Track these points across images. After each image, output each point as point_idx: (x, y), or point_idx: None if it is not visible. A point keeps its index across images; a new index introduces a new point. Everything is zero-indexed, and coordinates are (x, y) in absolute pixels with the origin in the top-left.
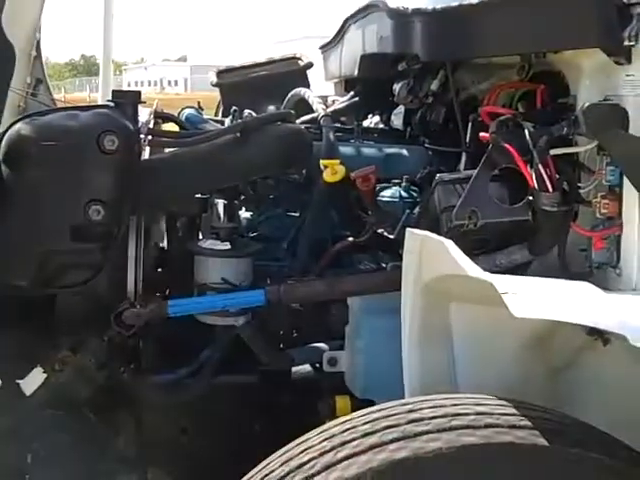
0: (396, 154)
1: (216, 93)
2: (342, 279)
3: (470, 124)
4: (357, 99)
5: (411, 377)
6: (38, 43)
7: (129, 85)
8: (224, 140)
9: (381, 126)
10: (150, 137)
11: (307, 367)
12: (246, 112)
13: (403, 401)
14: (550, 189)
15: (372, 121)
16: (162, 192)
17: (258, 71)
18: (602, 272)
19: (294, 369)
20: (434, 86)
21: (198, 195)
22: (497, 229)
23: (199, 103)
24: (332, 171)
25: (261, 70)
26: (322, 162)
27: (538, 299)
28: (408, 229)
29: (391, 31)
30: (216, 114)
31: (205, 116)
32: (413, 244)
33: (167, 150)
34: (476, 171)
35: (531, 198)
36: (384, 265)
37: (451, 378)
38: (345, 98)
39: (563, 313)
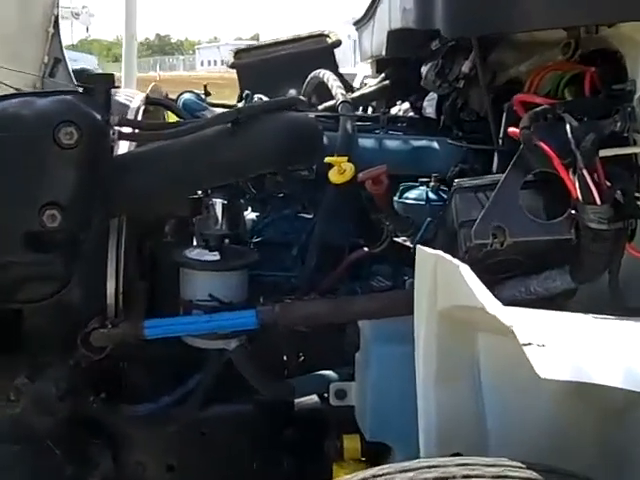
0: (424, 148)
1: None
2: (349, 299)
3: (504, 115)
4: (387, 82)
5: (427, 422)
6: (56, 19)
7: (202, 64)
8: (212, 132)
9: (411, 114)
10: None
11: (313, 398)
12: (256, 97)
13: (401, 466)
14: (598, 201)
15: (402, 108)
16: (138, 193)
17: (280, 50)
18: None
19: (299, 400)
20: (466, 68)
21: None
22: (530, 249)
23: (205, 87)
24: (339, 170)
25: (283, 49)
26: (328, 159)
27: (569, 354)
28: (419, 246)
29: (413, 2)
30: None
31: (213, 101)
32: (425, 265)
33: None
34: (503, 176)
35: (574, 212)
36: (405, 278)
37: (479, 423)
38: (375, 81)
39: (599, 374)
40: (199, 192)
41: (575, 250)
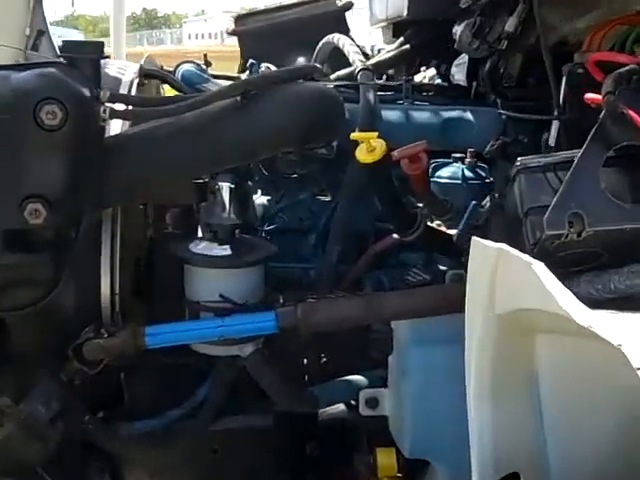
0: (458, 119)
1: None
2: (383, 296)
3: (564, 79)
4: (407, 47)
5: (481, 438)
6: None
7: (189, 37)
8: (219, 107)
9: (438, 82)
10: (124, 106)
11: (339, 407)
12: (263, 66)
13: None
14: None
15: (426, 75)
16: (135, 180)
17: (286, 15)
18: None
19: (322, 409)
20: (510, 26)
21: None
22: (613, 240)
23: (205, 56)
24: (368, 148)
25: (289, 13)
26: (354, 136)
27: None
28: (475, 239)
29: None
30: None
31: (215, 72)
32: (482, 261)
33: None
34: (581, 152)
35: None
36: (440, 269)
37: (538, 440)
38: (393, 46)
39: None
40: (204, 176)
41: None
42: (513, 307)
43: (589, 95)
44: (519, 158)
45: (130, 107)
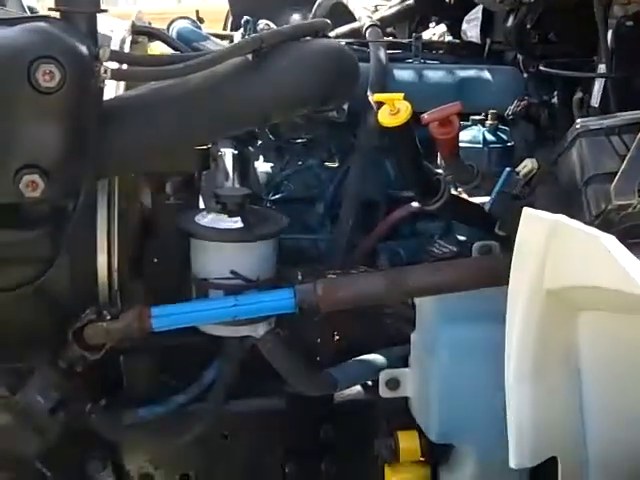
0: (475, 79)
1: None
2: (409, 271)
3: (611, 34)
4: (411, 2)
5: (520, 421)
6: None
7: None
8: (229, 66)
9: (449, 39)
10: (116, 65)
11: (357, 388)
12: (262, 23)
13: None
14: None
15: (436, 32)
16: (138, 147)
17: None
18: None
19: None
20: None
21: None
22: None
23: (197, 12)
24: (392, 110)
25: None
26: (378, 97)
27: None
28: (526, 209)
29: None
30: (225, 27)
31: (206, 31)
32: (533, 233)
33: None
34: None
35: None
36: (462, 240)
37: (577, 422)
38: (394, 2)
39: None
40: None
41: None
42: (566, 283)
43: None
44: (578, 120)
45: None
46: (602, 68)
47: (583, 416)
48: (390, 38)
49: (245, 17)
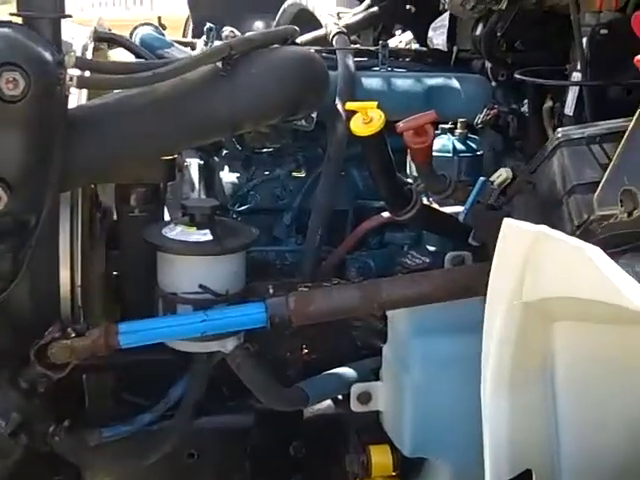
0: (443, 87)
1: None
2: (382, 284)
3: (587, 43)
4: (376, 9)
5: (496, 433)
6: None
7: (92, 6)
8: (198, 74)
9: (415, 46)
10: (81, 73)
11: (327, 403)
12: (226, 30)
13: None
14: None
15: (402, 40)
16: (103, 157)
17: None
18: None
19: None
20: None
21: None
22: None
23: (160, 19)
24: (365, 119)
25: None
26: (350, 105)
27: None
28: (507, 220)
29: None
30: (184, 34)
31: (169, 38)
32: (514, 244)
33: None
34: (634, 121)
35: None
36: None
37: (552, 435)
38: (358, 9)
39: None
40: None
41: None
42: (545, 294)
43: None
44: (559, 129)
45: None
46: (576, 76)
47: (558, 428)
48: (357, 46)
49: (208, 24)
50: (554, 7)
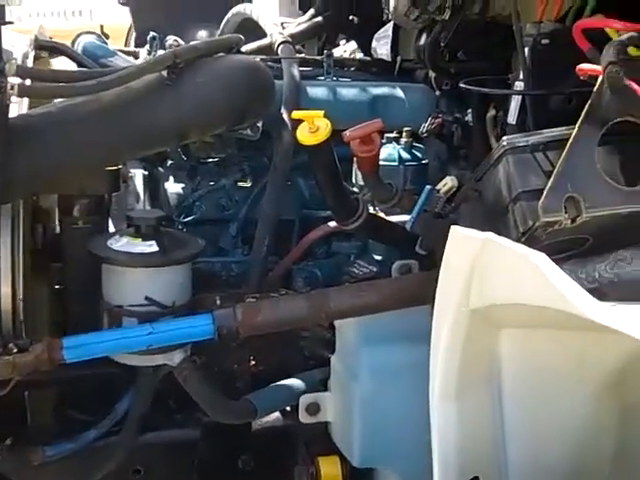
0: (388, 96)
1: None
2: (330, 294)
3: (529, 52)
4: (320, 19)
5: (444, 441)
6: None
7: (30, 16)
8: (143, 83)
9: (359, 56)
10: (22, 81)
11: (276, 415)
12: (170, 39)
13: None
14: None
15: (346, 49)
16: (45, 168)
17: None
18: None
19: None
20: None
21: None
22: (606, 225)
23: (102, 28)
24: (312, 128)
25: None
26: (297, 114)
27: None
28: (454, 227)
29: None
30: (126, 43)
31: (112, 47)
32: (461, 252)
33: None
34: (576, 130)
35: None
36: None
37: (498, 441)
38: (302, 19)
39: None
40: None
41: None
42: (492, 301)
43: (585, 66)
44: (504, 137)
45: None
46: (519, 85)
47: (505, 435)
48: (302, 55)
49: (151, 33)
50: (496, 17)
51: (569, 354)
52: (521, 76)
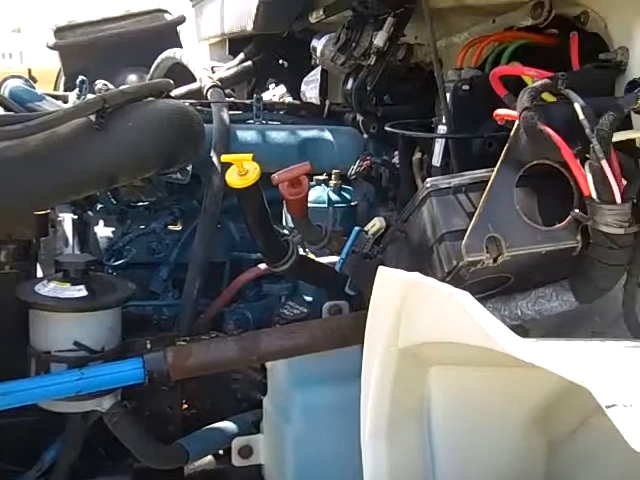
0: (317, 139)
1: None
2: (261, 336)
3: (450, 97)
4: (249, 64)
5: (376, 478)
6: None
7: None
8: (71, 128)
9: (289, 100)
10: None
11: (209, 458)
12: (99, 83)
13: None
14: (618, 199)
15: (275, 93)
16: None
17: (111, 28)
18: None
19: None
20: (379, 41)
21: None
22: (526, 263)
23: (30, 71)
24: (241, 171)
25: (115, 27)
26: (226, 158)
27: None
28: (381, 268)
29: None
30: (55, 87)
31: (39, 90)
32: (388, 292)
33: None
34: (495, 172)
35: (581, 214)
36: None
37: (427, 474)
38: (232, 63)
39: None
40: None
41: (578, 261)
42: (420, 340)
43: (501, 111)
44: (428, 180)
45: None
46: (442, 129)
47: (435, 472)
48: (232, 99)
49: (80, 77)
50: (419, 64)
51: (496, 390)
52: (444, 120)
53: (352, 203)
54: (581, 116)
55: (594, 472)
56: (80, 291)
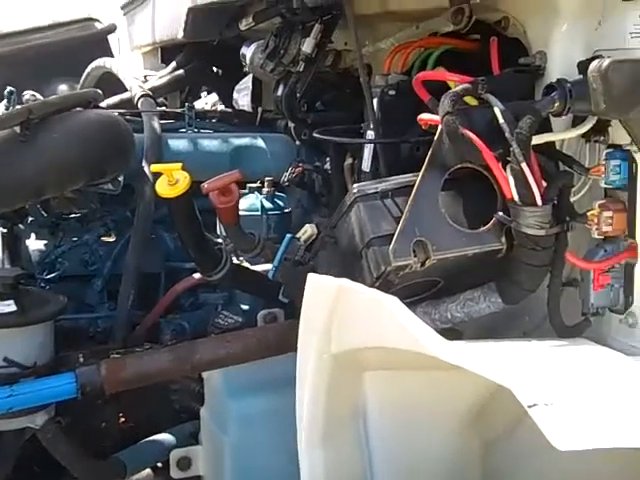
0: (249, 147)
1: None
2: (195, 346)
3: (377, 102)
4: (182, 72)
5: None
6: None
7: None
8: None
9: (221, 108)
10: None
11: (147, 472)
12: (27, 94)
13: None
14: (539, 201)
15: (208, 101)
16: None
17: (39, 38)
18: (603, 321)
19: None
20: (307, 47)
21: None
22: (453, 266)
23: None
24: (170, 180)
25: (43, 36)
26: (155, 168)
27: (581, 413)
28: (311, 275)
29: None
30: None
31: None
32: (319, 299)
33: None
34: (420, 177)
35: (504, 216)
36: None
37: (366, 477)
38: (164, 71)
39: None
40: None
41: (504, 263)
42: (352, 345)
43: (424, 116)
44: (355, 185)
45: None
46: (370, 134)
47: (373, 476)
48: (163, 108)
49: (8, 88)
50: (349, 69)
51: (429, 393)
52: (372, 125)
53: (285, 210)
54: (501, 120)
55: (533, 469)
56: (9, 306)
